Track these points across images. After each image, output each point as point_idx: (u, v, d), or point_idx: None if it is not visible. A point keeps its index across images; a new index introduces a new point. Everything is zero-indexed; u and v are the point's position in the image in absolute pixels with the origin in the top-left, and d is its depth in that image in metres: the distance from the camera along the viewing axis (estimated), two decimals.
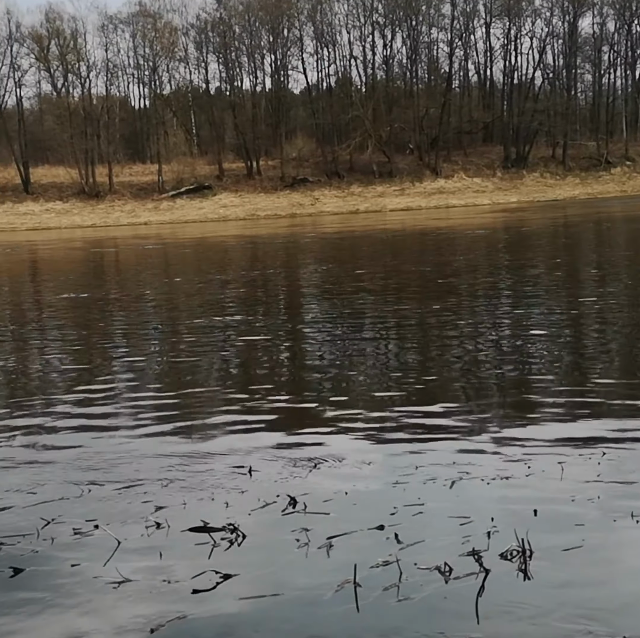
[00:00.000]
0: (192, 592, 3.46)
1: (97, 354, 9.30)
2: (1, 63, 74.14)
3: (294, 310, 12.73)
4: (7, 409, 6.83)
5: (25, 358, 9.37)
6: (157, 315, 12.67)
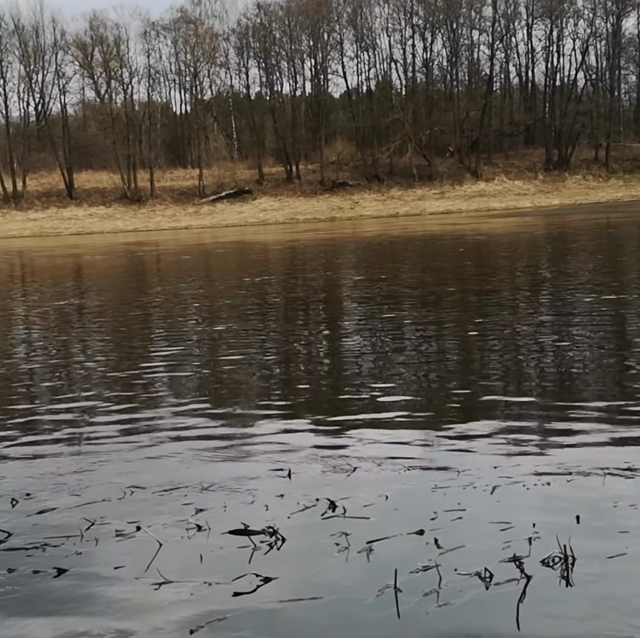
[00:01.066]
0: (232, 595, 3.47)
1: (142, 352, 9.39)
2: (46, 70, 75.42)
3: (336, 314, 12.73)
4: (53, 409, 6.93)
5: (75, 356, 9.49)
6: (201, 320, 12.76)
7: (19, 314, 14.56)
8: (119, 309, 14.25)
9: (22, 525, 4.32)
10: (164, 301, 15.04)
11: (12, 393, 7.75)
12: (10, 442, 5.96)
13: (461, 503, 4.33)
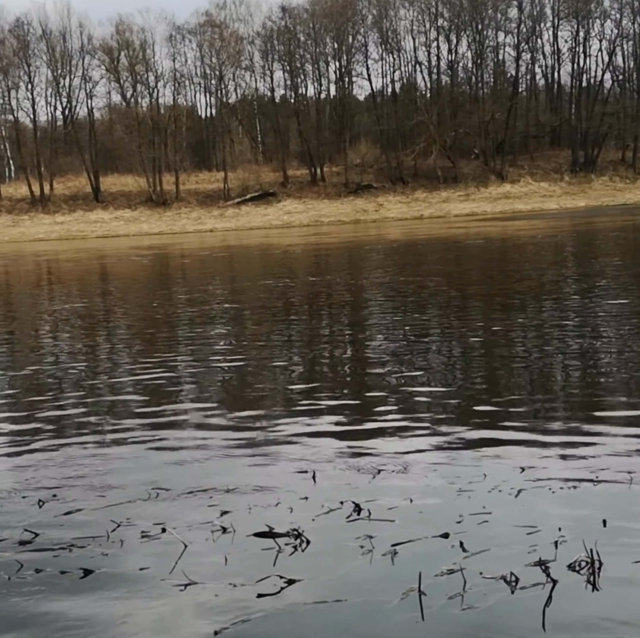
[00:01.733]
0: (256, 596, 3.48)
1: (166, 355, 9.43)
2: (73, 75, 76.12)
3: (360, 317, 12.72)
4: (79, 411, 6.99)
5: (101, 359, 9.56)
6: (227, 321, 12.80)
7: (45, 316, 14.69)
8: (140, 312, 14.33)
9: (49, 525, 4.35)
10: (192, 302, 15.10)
11: (39, 395, 7.82)
12: (37, 444, 6.01)
13: (486, 507, 4.31)
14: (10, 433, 6.40)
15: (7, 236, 61.62)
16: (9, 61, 74.02)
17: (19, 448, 5.94)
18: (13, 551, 4.03)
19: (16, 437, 6.28)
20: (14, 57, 74.39)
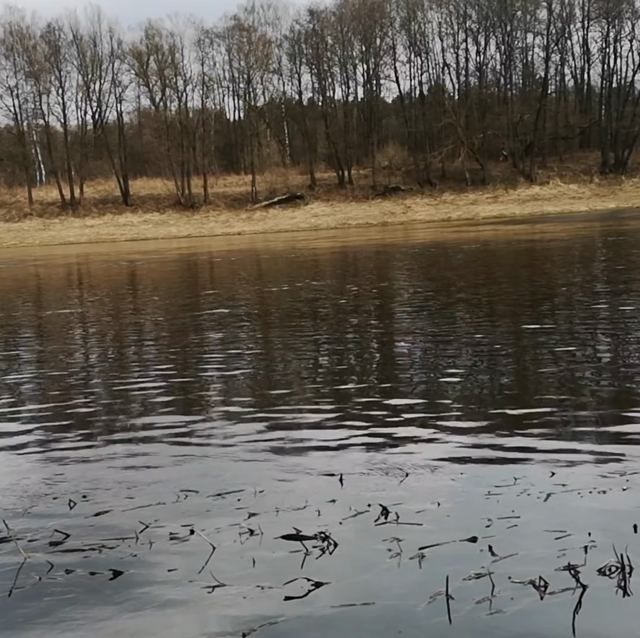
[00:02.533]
0: (284, 599, 3.49)
1: (193, 356, 9.48)
2: (103, 79, 76.87)
3: (389, 321, 12.71)
4: (109, 413, 7.05)
5: (130, 360, 9.63)
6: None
7: (80, 318, 14.82)
8: (168, 314, 14.41)
9: (79, 526, 4.39)
10: (220, 303, 15.16)
11: (69, 397, 7.89)
12: (68, 445, 6.07)
13: (515, 511, 4.28)
14: (41, 435, 6.47)
15: (37, 240, 62.32)
16: (41, 66, 74.89)
17: (50, 450, 6.00)
18: (44, 552, 4.07)
19: (47, 439, 6.34)
20: (45, 63, 75.25)
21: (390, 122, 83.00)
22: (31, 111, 77.23)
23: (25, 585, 3.73)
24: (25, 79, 75.43)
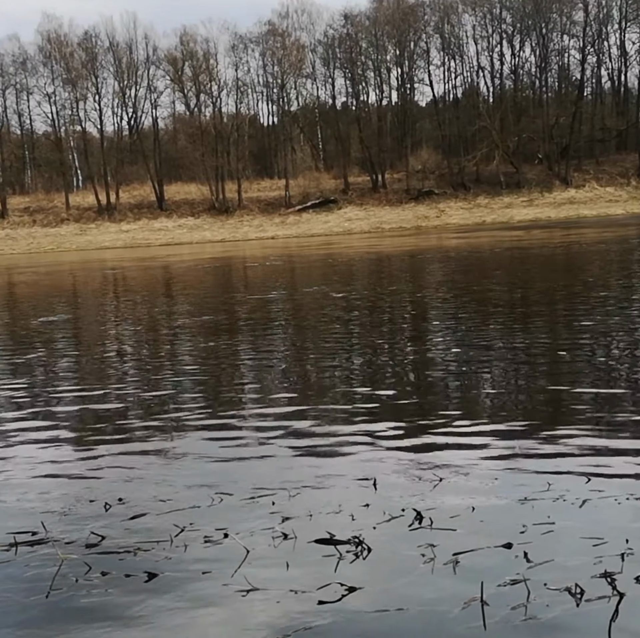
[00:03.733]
0: (317, 603, 3.49)
1: (228, 357, 9.52)
2: (139, 86, 77.61)
3: (424, 325, 12.66)
4: (144, 416, 7.10)
5: (164, 364, 9.69)
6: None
7: (115, 324, 14.95)
8: (200, 317, 14.49)
9: (114, 529, 4.43)
10: (256, 307, 15.22)
11: (107, 400, 7.97)
12: (103, 449, 6.12)
13: (551, 517, 4.25)
14: (77, 438, 6.54)
15: (74, 244, 63.03)
16: (78, 73, 75.81)
17: (86, 453, 6.06)
18: (80, 553, 4.11)
19: (83, 442, 6.41)
20: (82, 69, 76.16)
21: (424, 126, 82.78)
22: (68, 117, 78.28)
23: (62, 586, 3.77)
24: (62, 85, 76.45)
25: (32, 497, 5.03)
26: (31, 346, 12.14)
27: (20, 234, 68.34)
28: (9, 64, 76.78)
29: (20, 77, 77.64)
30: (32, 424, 7.03)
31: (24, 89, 78.28)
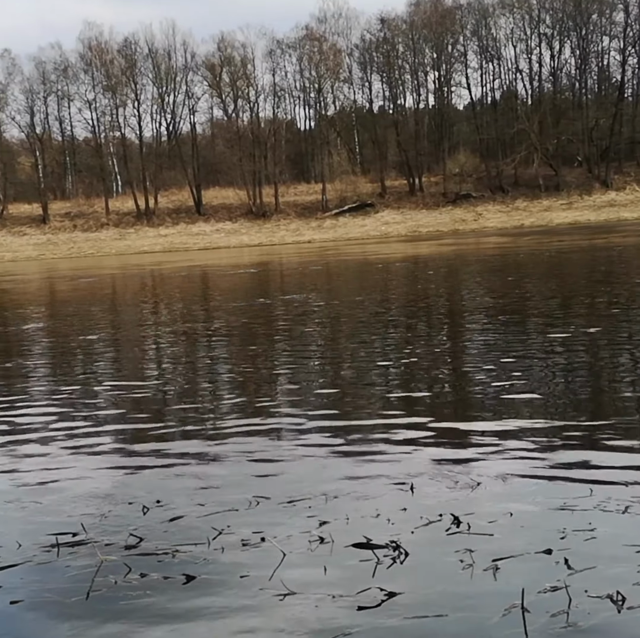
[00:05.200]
0: (356, 608, 3.47)
1: (265, 362, 9.55)
2: (177, 92, 78.29)
3: (462, 331, 12.59)
4: (182, 419, 7.15)
5: (203, 369, 9.75)
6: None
7: (152, 331, 15.07)
8: (233, 321, 14.54)
9: (153, 531, 4.46)
10: (292, 311, 15.25)
11: (146, 405, 8.03)
12: (142, 451, 6.17)
13: (592, 523, 4.19)
14: (116, 442, 6.60)
15: (114, 249, 63.70)
16: (117, 80, 76.70)
17: (125, 455, 6.11)
18: (119, 555, 4.14)
19: (121, 445, 6.46)
20: (122, 76, 77.05)
21: (461, 129, 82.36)
22: (108, 124, 79.20)
23: (102, 587, 3.80)
24: (102, 92, 77.38)
25: (72, 499, 5.08)
26: (75, 346, 12.27)
27: (61, 239, 69.26)
28: (51, 71, 77.95)
29: (61, 84, 78.79)
30: (72, 424, 7.10)
31: (65, 96, 79.43)
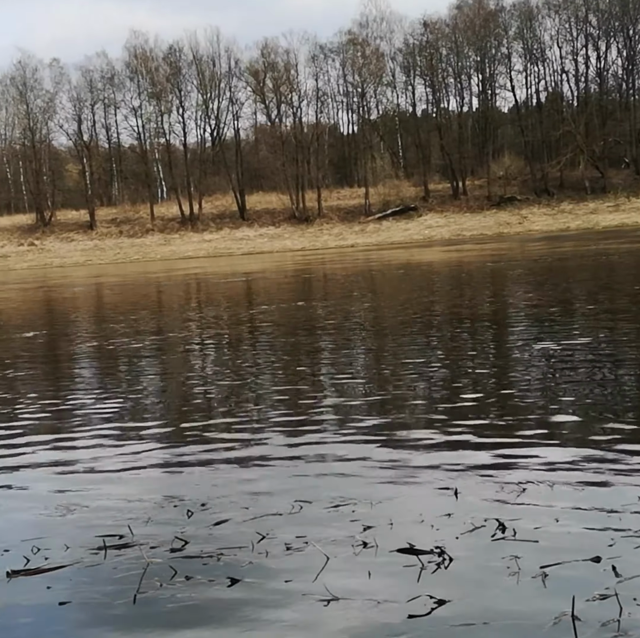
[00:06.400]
0: (402, 614, 3.44)
1: (310, 368, 9.56)
2: (221, 98, 79.00)
3: (508, 332, 12.48)
4: (227, 423, 7.19)
5: (250, 374, 9.80)
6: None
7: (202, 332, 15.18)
8: (281, 327, 14.58)
9: (197, 535, 4.48)
10: (339, 316, 15.25)
11: (190, 409, 8.09)
12: (186, 455, 6.21)
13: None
14: (161, 446, 6.65)
15: (159, 254, 64.40)
16: (162, 87, 77.65)
17: (170, 458, 6.16)
18: (165, 558, 4.17)
19: (166, 449, 6.51)
20: (166, 84, 77.97)
21: (506, 132, 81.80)
22: (153, 130, 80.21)
23: (148, 589, 3.83)
24: (148, 99, 78.40)
25: (119, 502, 5.13)
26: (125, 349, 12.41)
27: (108, 245, 70.25)
28: (98, 79, 79.28)
29: (108, 92, 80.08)
30: (117, 425, 7.18)
31: (111, 104, 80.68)
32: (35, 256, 68.11)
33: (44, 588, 3.92)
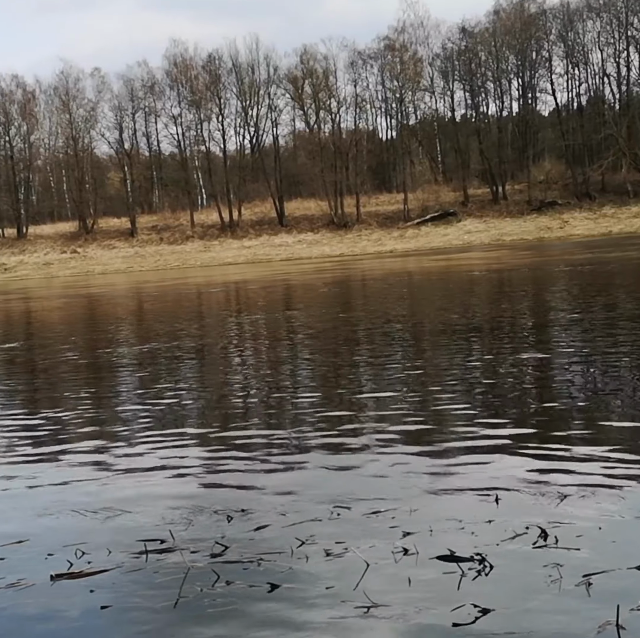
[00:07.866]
0: (444, 622, 3.43)
1: (345, 372, 9.56)
2: (260, 105, 79.43)
3: (548, 340, 12.36)
4: (265, 428, 7.21)
5: (284, 378, 9.83)
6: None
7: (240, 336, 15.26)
8: (314, 333, 14.58)
9: (237, 539, 4.50)
10: (370, 320, 15.23)
11: (227, 413, 8.13)
12: (228, 461, 6.25)
13: None
14: (202, 451, 6.69)
15: (199, 261, 64.86)
16: (202, 95, 78.31)
17: (210, 462, 6.20)
18: (206, 562, 4.20)
19: (207, 454, 6.55)
20: (206, 91, 78.62)
21: (546, 136, 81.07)
22: (193, 138, 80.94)
23: (189, 594, 3.85)
24: (188, 107, 79.12)
25: (160, 507, 5.17)
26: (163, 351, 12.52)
27: (148, 252, 70.91)
28: (139, 88, 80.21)
29: (148, 100, 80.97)
30: (158, 431, 7.24)
31: (152, 112, 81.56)
32: (77, 263, 68.99)
33: (86, 592, 3.97)
